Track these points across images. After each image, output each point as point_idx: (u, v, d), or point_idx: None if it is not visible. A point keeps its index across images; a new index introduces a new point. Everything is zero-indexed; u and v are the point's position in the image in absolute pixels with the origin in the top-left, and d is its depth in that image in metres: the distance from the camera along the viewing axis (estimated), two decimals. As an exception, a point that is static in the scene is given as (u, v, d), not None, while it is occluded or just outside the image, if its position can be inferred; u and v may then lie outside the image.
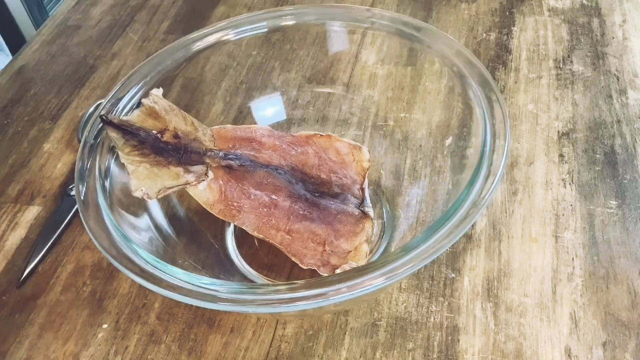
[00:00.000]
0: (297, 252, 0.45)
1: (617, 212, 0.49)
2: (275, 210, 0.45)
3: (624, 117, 0.56)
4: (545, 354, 0.41)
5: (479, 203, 0.36)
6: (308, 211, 0.46)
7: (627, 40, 0.64)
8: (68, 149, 0.60)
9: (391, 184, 0.51)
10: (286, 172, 0.47)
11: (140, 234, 0.41)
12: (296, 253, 0.45)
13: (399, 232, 0.48)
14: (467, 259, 0.47)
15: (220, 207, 0.44)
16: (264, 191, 0.45)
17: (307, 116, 0.55)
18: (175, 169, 0.43)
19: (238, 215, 0.45)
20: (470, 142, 0.43)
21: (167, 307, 0.47)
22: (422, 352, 0.42)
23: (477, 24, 0.68)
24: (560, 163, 0.53)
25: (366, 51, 0.55)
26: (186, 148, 0.44)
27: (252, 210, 0.45)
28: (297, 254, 0.44)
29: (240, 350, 0.44)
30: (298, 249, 0.45)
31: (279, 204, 0.45)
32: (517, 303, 0.44)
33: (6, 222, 0.54)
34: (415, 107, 0.52)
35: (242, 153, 0.46)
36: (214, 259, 0.47)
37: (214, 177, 0.44)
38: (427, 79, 0.50)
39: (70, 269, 0.50)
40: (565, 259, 0.46)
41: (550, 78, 0.61)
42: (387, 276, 0.33)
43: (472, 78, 0.43)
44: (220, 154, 0.45)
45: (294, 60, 0.56)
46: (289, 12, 0.51)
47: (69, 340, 0.45)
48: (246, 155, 0.46)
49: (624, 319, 0.43)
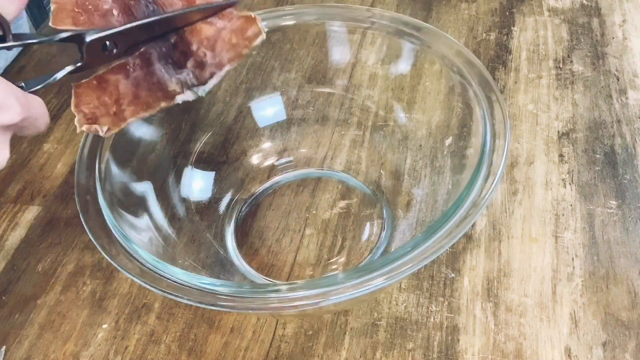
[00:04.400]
0: (85, 100, 0.40)
1: (617, 212, 0.49)
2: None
3: (624, 117, 0.56)
4: (545, 354, 0.41)
5: (479, 203, 0.36)
6: (138, 66, 0.41)
7: (627, 40, 0.64)
8: (68, 149, 0.60)
9: (391, 184, 0.51)
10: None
11: (140, 234, 0.41)
12: (82, 100, 0.39)
13: (399, 232, 0.48)
14: (467, 259, 0.47)
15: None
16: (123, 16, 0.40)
17: (307, 116, 0.55)
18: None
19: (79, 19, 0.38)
20: (470, 142, 0.43)
21: (167, 307, 0.47)
22: (422, 352, 0.42)
23: (477, 24, 0.68)
24: (560, 163, 0.53)
25: (366, 51, 0.55)
26: None
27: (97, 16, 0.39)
28: (83, 101, 0.39)
29: (240, 350, 0.44)
30: (90, 99, 0.40)
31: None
32: (517, 303, 0.44)
33: (6, 222, 0.54)
34: (415, 107, 0.52)
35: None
36: (214, 259, 0.47)
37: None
38: (427, 79, 0.50)
39: (70, 269, 0.50)
40: (565, 259, 0.46)
41: (550, 78, 0.61)
42: (387, 276, 0.33)
43: (472, 78, 0.43)
44: None
45: (294, 60, 0.56)
46: (289, 12, 0.51)
47: (69, 340, 0.45)
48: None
49: (624, 319, 0.43)
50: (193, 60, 0.41)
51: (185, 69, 0.41)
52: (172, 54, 0.41)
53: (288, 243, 0.49)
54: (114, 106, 0.40)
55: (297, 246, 0.49)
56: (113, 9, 0.39)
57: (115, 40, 0.38)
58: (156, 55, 0.41)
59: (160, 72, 0.41)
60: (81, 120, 0.39)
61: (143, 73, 0.41)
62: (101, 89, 0.40)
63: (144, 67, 0.41)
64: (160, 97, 0.41)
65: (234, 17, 0.41)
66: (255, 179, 0.54)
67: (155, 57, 0.41)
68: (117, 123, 0.40)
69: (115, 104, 0.40)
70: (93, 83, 0.40)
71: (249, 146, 0.55)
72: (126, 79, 0.40)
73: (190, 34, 0.41)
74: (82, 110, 0.39)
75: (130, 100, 0.40)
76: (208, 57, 0.41)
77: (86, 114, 0.39)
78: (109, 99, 0.40)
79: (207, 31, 0.41)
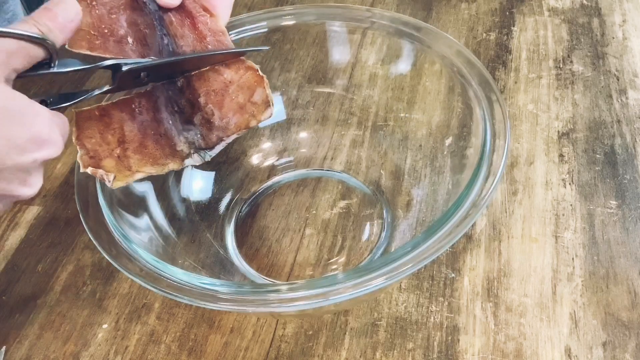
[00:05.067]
0: (87, 133, 0.40)
1: (617, 212, 0.49)
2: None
3: (624, 117, 0.56)
4: (545, 354, 0.41)
5: (479, 203, 0.36)
6: (144, 108, 0.41)
7: (627, 40, 0.64)
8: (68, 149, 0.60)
9: (391, 184, 0.51)
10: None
11: (140, 234, 0.41)
12: (84, 133, 0.39)
13: (399, 232, 0.48)
14: (467, 259, 0.47)
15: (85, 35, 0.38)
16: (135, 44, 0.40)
17: (307, 116, 0.55)
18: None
19: (96, 44, 0.39)
20: (470, 142, 0.43)
21: (167, 307, 0.47)
22: (422, 352, 0.42)
23: (477, 24, 0.68)
24: (560, 163, 0.53)
25: (366, 51, 0.55)
26: None
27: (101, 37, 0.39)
28: (85, 134, 0.39)
29: (240, 350, 0.44)
30: (92, 133, 0.40)
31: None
32: (517, 303, 0.44)
33: (6, 222, 0.54)
34: (415, 107, 0.52)
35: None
36: (214, 259, 0.47)
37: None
38: (427, 79, 0.50)
39: (70, 269, 0.50)
40: (565, 259, 0.46)
41: (550, 78, 0.61)
42: (387, 276, 0.33)
43: (472, 78, 0.43)
44: None
45: (294, 60, 0.56)
46: (289, 12, 0.51)
47: (69, 340, 0.45)
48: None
49: (624, 319, 0.43)
50: (200, 116, 0.41)
51: (193, 126, 0.41)
52: (179, 100, 0.41)
53: (288, 243, 0.49)
54: (118, 148, 0.40)
55: (297, 246, 0.49)
56: (128, 36, 0.40)
57: (148, 71, 0.39)
58: (163, 100, 0.41)
59: (168, 124, 0.41)
60: (84, 159, 0.39)
61: (149, 118, 0.41)
62: (104, 123, 0.40)
63: (150, 110, 0.41)
64: (168, 153, 0.41)
65: (241, 68, 0.42)
66: (255, 179, 0.54)
67: (162, 102, 0.41)
68: (123, 172, 0.39)
69: (119, 146, 0.40)
70: (95, 113, 0.40)
71: (248, 146, 0.55)
72: (132, 121, 0.41)
73: (198, 80, 0.41)
74: (85, 145, 0.39)
75: (135, 148, 0.40)
76: (216, 117, 0.41)
77: (89, 150, 0.39)
78: (112, 137, 0.40)
79: (215, 82, 0.42)
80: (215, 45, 0.41)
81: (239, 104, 0.42)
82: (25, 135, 0.31)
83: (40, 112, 0.32)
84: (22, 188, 0.33)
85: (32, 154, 0.32)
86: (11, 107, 0.31)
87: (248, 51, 0.42)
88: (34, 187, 0.34)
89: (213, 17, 0.42)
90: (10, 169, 0.31)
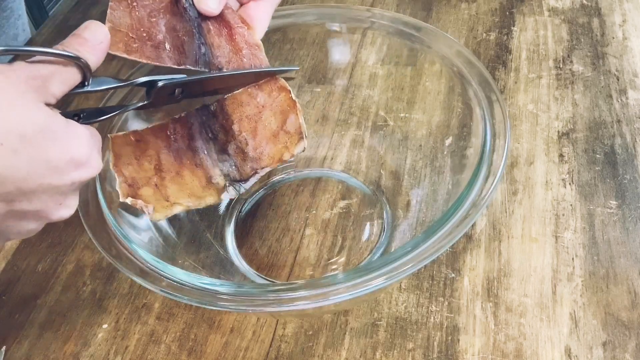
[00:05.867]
0: (124, 159, 0.40)
1: (617, 212, 0.49)
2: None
3: (624, 117, 0.56)
4: (545, 354, 0.41)
5: (479, 203, 0.36)
6: (179, 135, 0.41)
7: (627, 40, 0.64)
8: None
9: (391, 184, 0.51)
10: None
11: (140, 234, 0.41)
12: (121, 160, 0.39)
13: (399, 232, 0.48)
14: (467, 259, 0.47)
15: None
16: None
17: (307, 116, 0.55)
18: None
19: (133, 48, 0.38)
20: (470, 142, 0.43)
21: (167, 307, 0.47)
22: (422, 352, 0.42)
23: (477, 24, 0.68)
24: (560, 163, 0.53)
25: (366, 51, 0.55)
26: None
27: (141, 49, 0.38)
28: (122, 160, 0.39)
29: (240, 350, 0.44)
30: (129, 160, 0.40)
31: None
32: (517, 303, 0.44)
33: (6, 222, 0.54)
34: (415, 107, 0.52)
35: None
36: (214, 259, 0.47)
37: None
38: (427, 79, 0.50)
39: (70, 269, 0.50)
40: (565, 259, 0.46)
41: (550, 78, 0.61)
42: (387, 276, 0.33)
43: (472, 78, 0.43)
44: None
45: (294, 60, 0.56)
46: (289, 12, 0.51)
47: (69, 340, 0.45)
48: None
49: (624, 319, 0.43)
50: (235, 145, 0.41)
51: (227, 156, 0.41)
52: (213, 125, 0.41)
53: (288, 243, 0.49)
54: (155, 176, 0.40)
55: (297, 246, 0.49)
56: (166, 42, 0.39)
57: (183, 87, 0.39)
58: (197, 126, 0.41)
59: (203, 154, 0.41)
60: (122, 187, 0.39)
61: (185, 146, 0.41)
62: (139, 149, 0.40)
63: (185, 138, 0.41)
64: (205, 185, 0.41)
65: (274, 90, 0.42)
66: (255, 179, 0.54)
67: (196, 129, 0.41)
68: (161, 203, 0.39)
69: (156, 174, 0.40)
70: (130, 139, 0.40)
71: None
72: (168, 149, 0.40)
73: (232, 104, 0.41)
74: (123, 173, 0.39)
75: (172, 177, 0.40)
76: (250, 147, 0.41)
77: (127, 178, 0.39)
78: (149, 165, 0.40)
79: (247, 107, 0.41)
80: (250, 58, 0.41)
81: (272, 131, 0.42)
82: (65, 157, 0.31)
83: (80, 133, 0.32)
84: (57, 209, 0.33)
85: (70, 175, 0.31)
86: (51, 128, 0.30)
87: (280, 71, 0.42)
88: (70, 208, 0.33)
89: (250, 29, 0.42)
90: (46, 191, 0.31)
